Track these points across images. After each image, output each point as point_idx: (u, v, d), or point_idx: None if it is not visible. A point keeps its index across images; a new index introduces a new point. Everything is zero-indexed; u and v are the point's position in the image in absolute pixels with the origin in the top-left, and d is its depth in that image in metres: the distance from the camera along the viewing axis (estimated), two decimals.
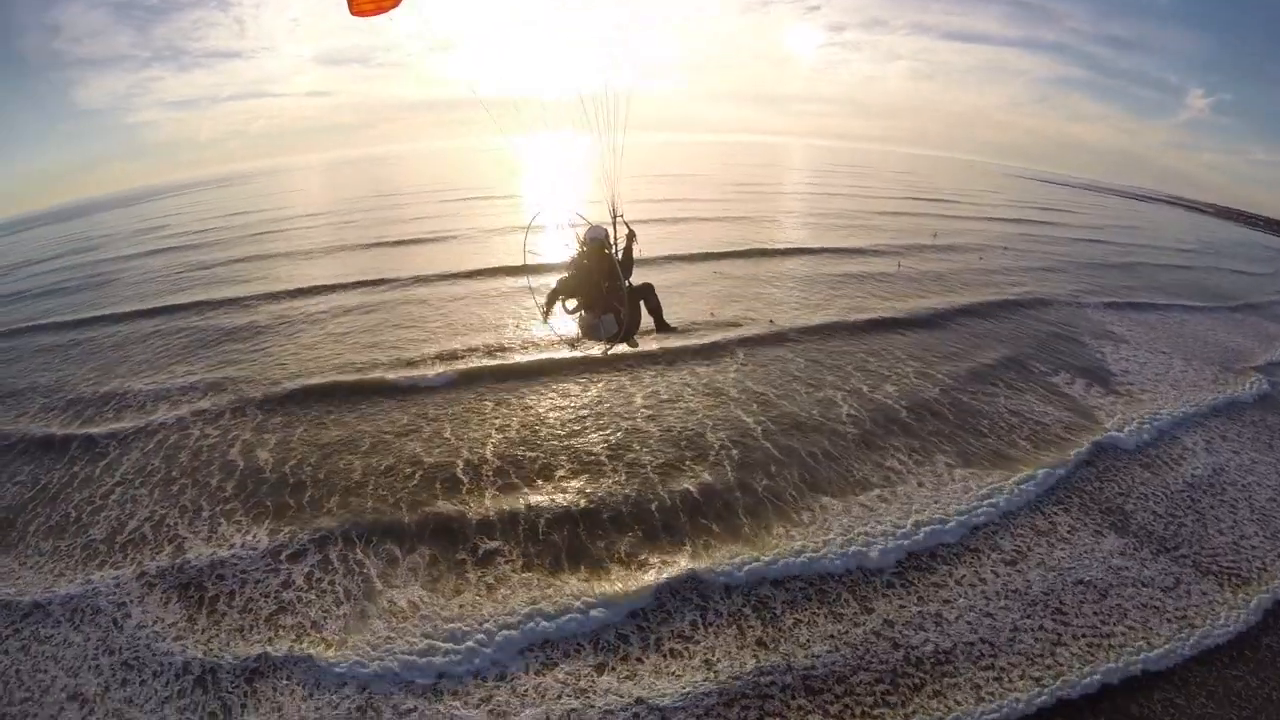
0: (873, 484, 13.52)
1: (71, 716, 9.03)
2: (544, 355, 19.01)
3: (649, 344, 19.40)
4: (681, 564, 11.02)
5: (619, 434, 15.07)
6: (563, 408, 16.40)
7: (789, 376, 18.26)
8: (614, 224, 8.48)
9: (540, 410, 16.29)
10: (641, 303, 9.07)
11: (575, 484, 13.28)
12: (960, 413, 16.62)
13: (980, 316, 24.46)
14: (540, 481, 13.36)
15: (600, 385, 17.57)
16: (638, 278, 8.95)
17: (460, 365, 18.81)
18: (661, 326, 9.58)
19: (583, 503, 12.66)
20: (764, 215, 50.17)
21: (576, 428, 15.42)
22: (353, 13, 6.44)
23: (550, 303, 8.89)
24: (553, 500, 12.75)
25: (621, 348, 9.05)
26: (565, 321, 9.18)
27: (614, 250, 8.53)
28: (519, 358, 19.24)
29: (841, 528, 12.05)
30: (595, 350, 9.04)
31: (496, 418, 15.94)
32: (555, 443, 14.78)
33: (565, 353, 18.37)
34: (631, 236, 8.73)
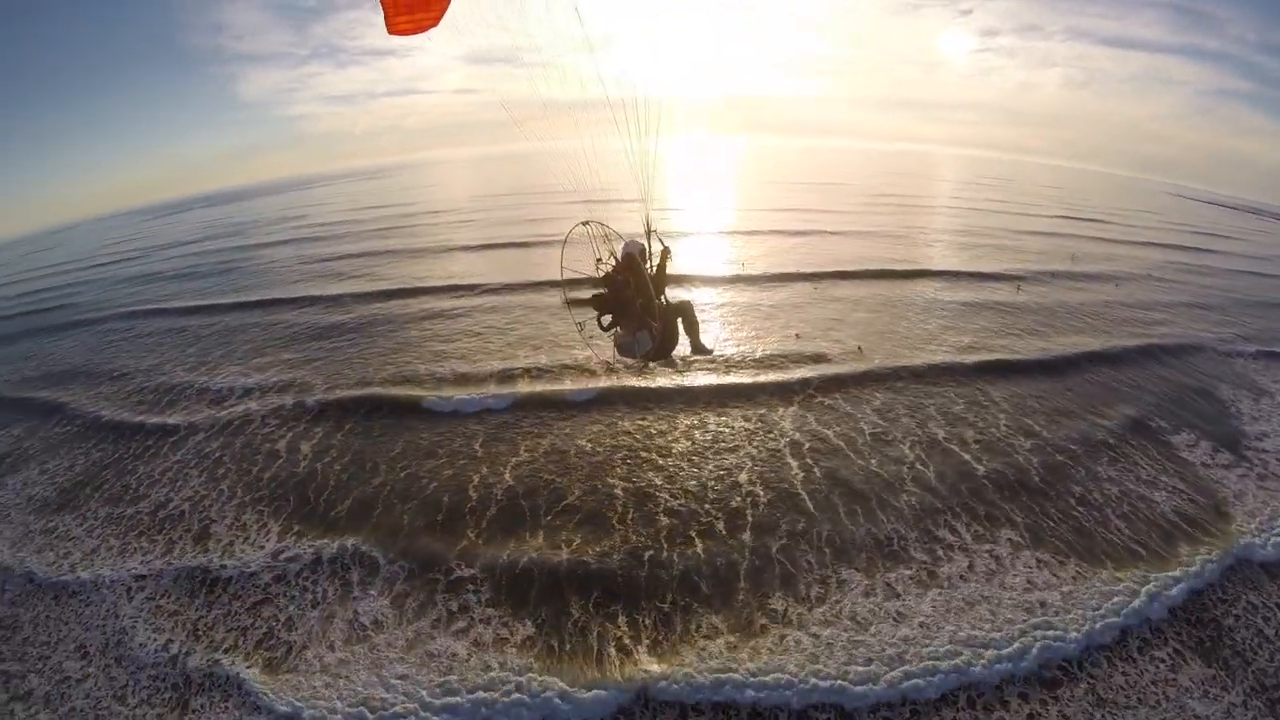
0: (911, 558, 12.76)
1: (73, 665, 11.19)
2: (602, 383, 19.57)
3: (718, 375, 20.07)
4: (643, 656, 10.76)
5: (646, 473, 15.39)
6: (600, 441, 16.95)
7: (857, 417, 17.78)
8: (648, 238, 9.03)
9: (577, 441, 16.93)
10: (679, 321, 9.55)
11: (574, 528, 13.73)
12: (1049, 480, 15.30)
13: (1104, 361, 22.33)
14: (544, 520, 13.98)
15: (649, 417, 17.93)
16: (679, 295, 9.43)
17: (511, 387, 19.88)
18: (697, 347, 10.03)
19: (573, 550, 13.06)
20: (893, 231, 49.09)
21: (604, 463, 15.91)
22: (390, 32, 7.13)
23: (595, 308, 9.35)
24: (545, 544, 13.27)
25: (670, 378, 9.46)
26: (603, 339, 9.78)
27: (649, 265, 9.08)
28: (573, 383, 19.97)
29: (851, 617, 11.36)
30: (633, 374, 9.58)
31: (529, 446, 16.76)
32: (577, 478, 15.33)
33: (627, 380, 19.23)
34: (666, 252, 9.22)
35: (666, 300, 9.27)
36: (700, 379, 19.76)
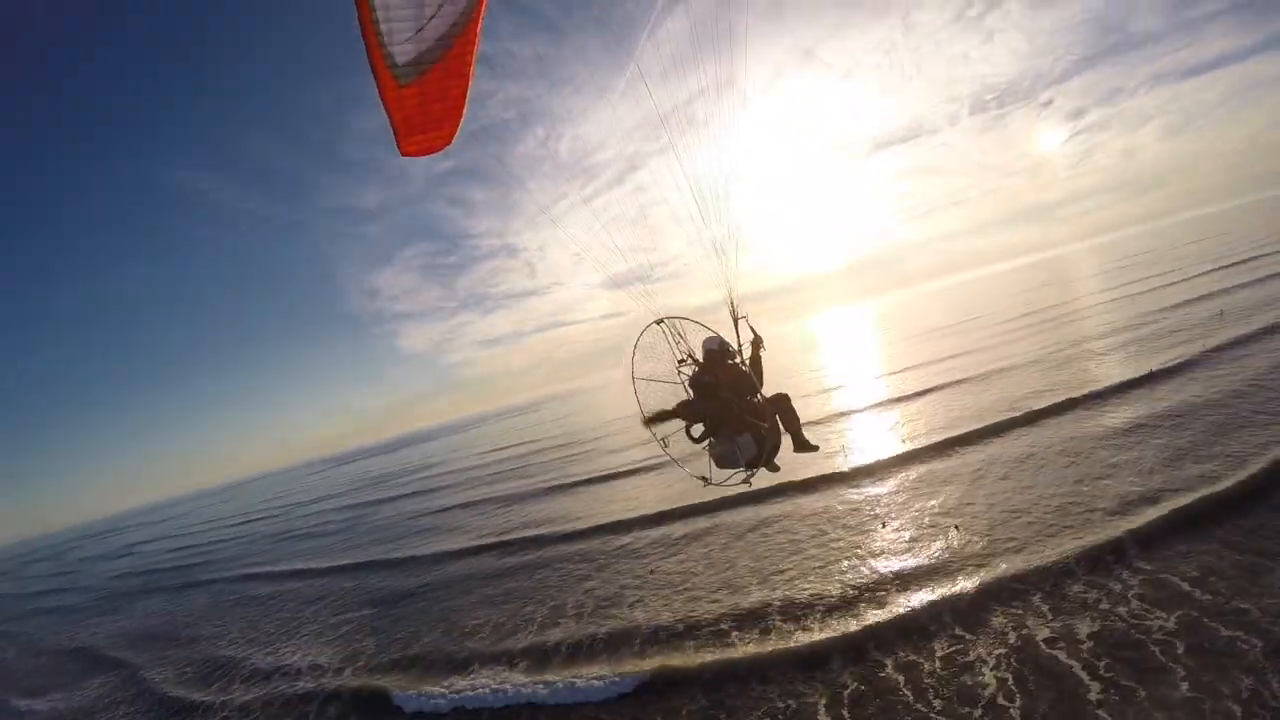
0: None
1: None
2: (651, 662, 17.51)
3: (757, 639, 17.14)
4: None
5: None
6: None
7: (932, 632, 15.12)
8: (735, 326, 8.63)
9: None
10: (777, 418, 8.97)
11: None
12: (1203, 670, 11.47)
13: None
14: None
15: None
16: (771, 389, 8.95)
17: (536, 672, 18.78)
18: (801, 444, 9.42)
19: None
20: (1026, 359, 45.69)
21: None
22: (403, 153, 7.36)
23: (683, 418, 8.93)
24: None
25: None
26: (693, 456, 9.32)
27: (739, 358, 8.67)
28: (608, 663, 18.12)
29: None
30: (733, 487, 9.04)
31: None
32: None
33: (680, 658, 17.40)
34: (758, 342, 8.82)
35: (762, 396, 8.73)
36: (755, 642, 17.21)
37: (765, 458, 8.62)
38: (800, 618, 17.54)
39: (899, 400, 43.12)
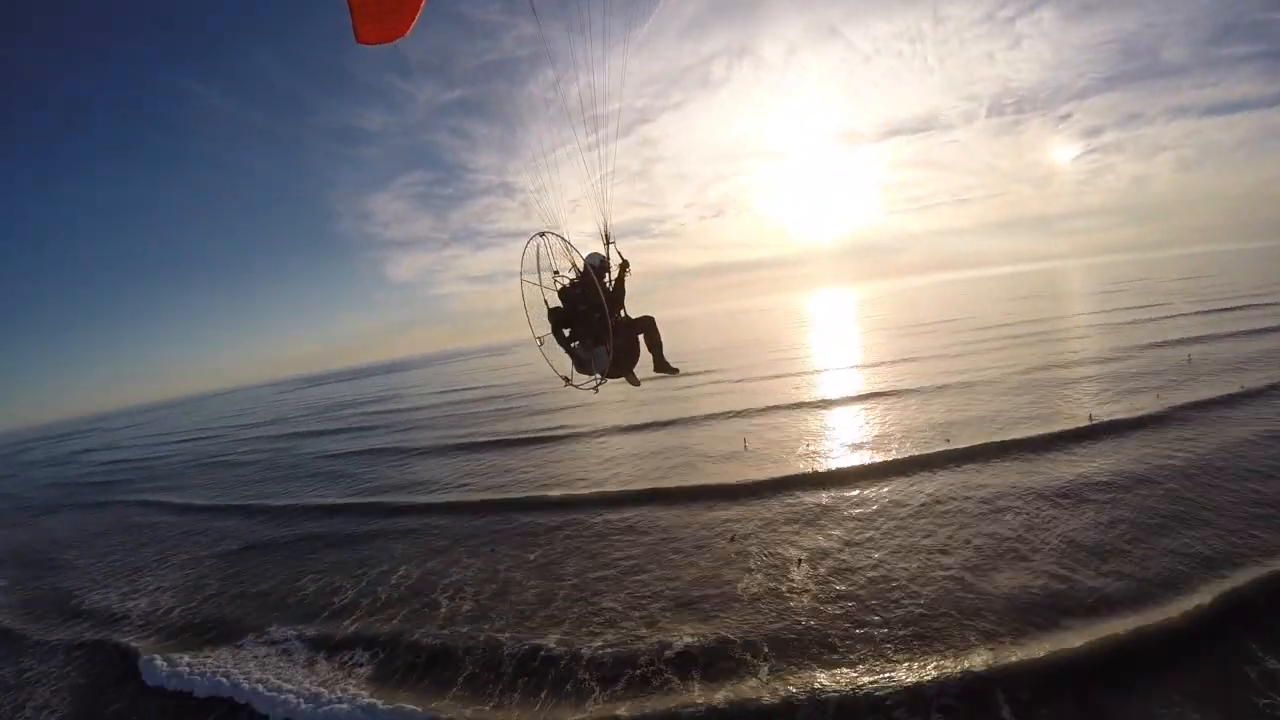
0: None
1: None
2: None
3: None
4: None
5: None
6: None
7: None
8: (606, 249, 9.21)
9: None
10: (640, 337, 9.66)
11: None
12: None
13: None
14: None
15: None
16: (640, 309, 9.62)
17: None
18: (661, 365, 10.08)
19: None
20: (983, 377, 43.12)
21: None
22: (359, 40, 7.37)
23: (561, 339, 9.51)
24: None
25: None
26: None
27: (608, 279, 9.22)
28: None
29: None
30: (589, 390, 9.45)
31: None
32: None
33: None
34: (625, 266, 9.39)
35: (627, 315, 9.42)
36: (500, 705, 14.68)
37: (622, 369, 9.33)
38: (581, 675, 15.04)
39: (836, 403, 41.24)
